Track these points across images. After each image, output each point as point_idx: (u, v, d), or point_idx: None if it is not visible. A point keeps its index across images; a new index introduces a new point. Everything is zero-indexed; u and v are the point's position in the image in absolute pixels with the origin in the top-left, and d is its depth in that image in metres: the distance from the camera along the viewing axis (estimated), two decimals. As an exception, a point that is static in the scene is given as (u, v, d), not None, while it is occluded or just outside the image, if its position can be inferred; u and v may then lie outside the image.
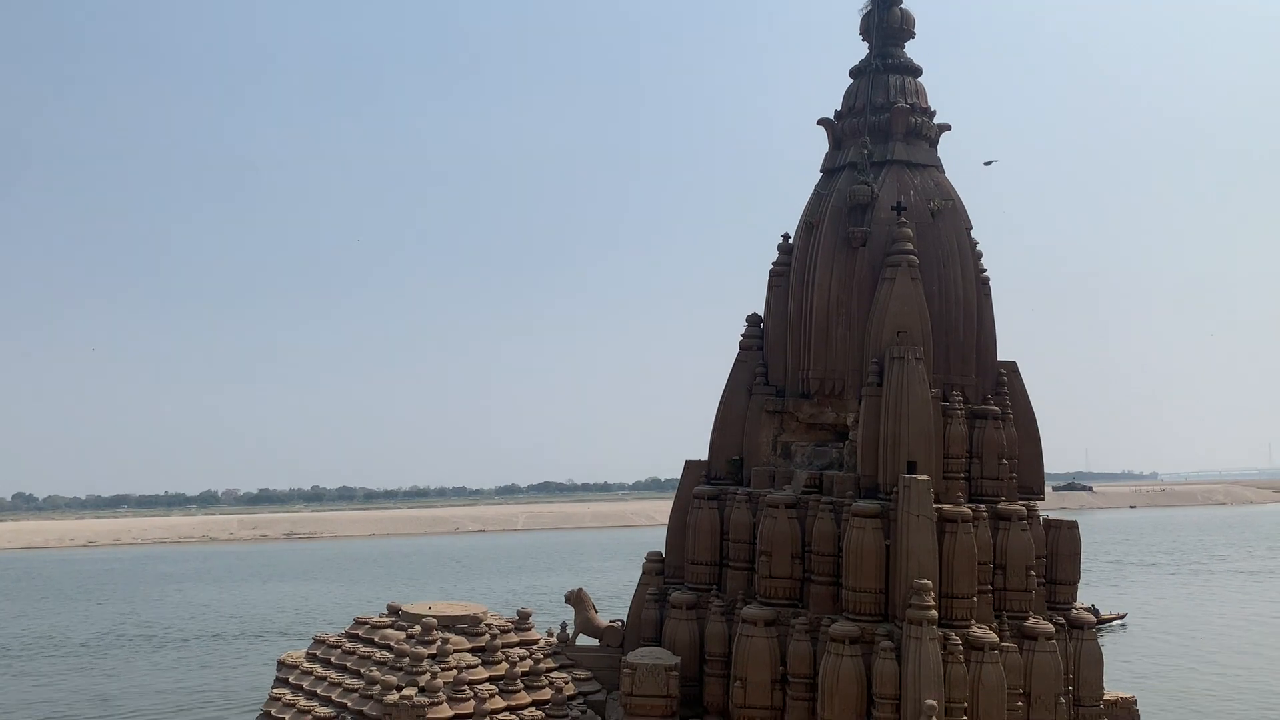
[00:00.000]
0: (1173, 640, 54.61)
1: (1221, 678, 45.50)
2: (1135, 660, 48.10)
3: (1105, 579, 78.23)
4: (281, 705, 15.55)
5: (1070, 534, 15.44)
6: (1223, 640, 54.03)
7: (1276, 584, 74.32)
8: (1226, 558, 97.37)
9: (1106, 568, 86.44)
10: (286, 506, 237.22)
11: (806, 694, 13.77)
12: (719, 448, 16.55)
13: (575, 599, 17.58)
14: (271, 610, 74.58)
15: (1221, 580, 77.80)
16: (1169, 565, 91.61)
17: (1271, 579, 77.72)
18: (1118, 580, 78.46)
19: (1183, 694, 41.25)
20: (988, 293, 15.92)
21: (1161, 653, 51.07)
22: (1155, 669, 45.78)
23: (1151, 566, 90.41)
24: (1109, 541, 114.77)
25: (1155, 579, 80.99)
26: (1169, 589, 73.59)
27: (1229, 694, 41.60)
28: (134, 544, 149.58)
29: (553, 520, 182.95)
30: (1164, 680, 44.03)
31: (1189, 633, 57.10)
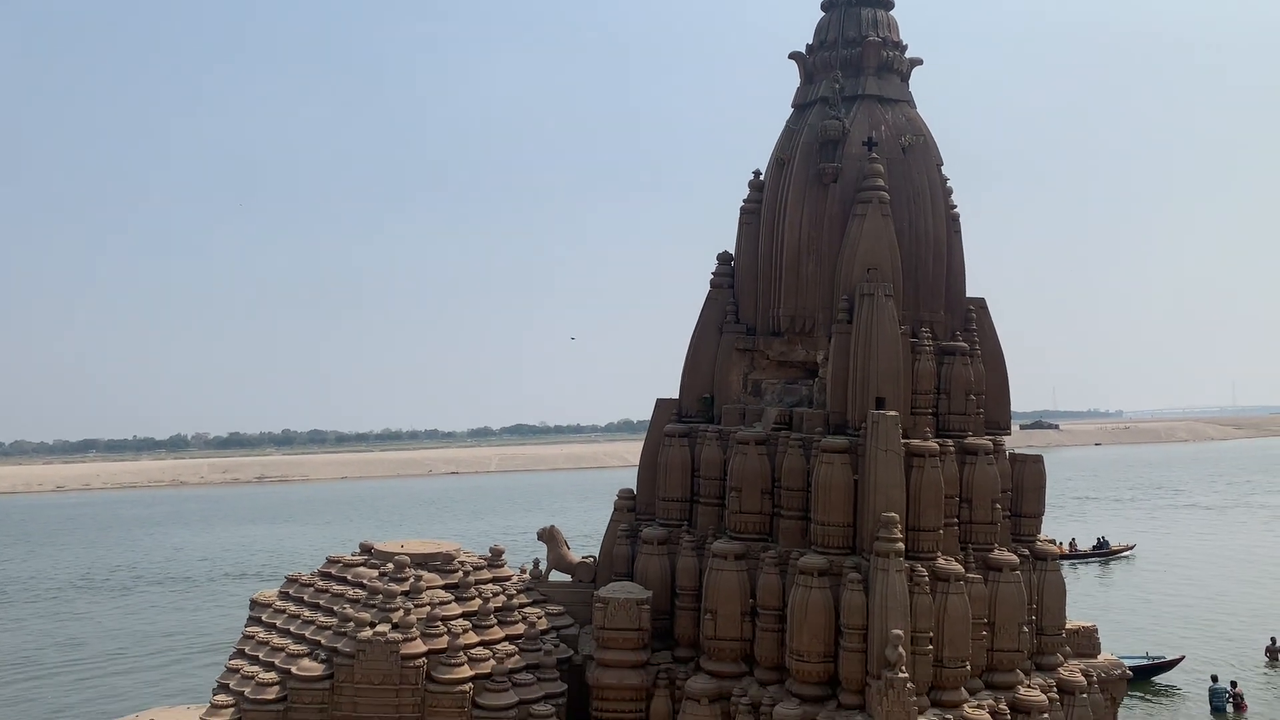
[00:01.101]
0: (1171, 569, 56.55)
1: (1212, 600, 47.53)
2: (1144, 586, 50.42)
3: (1114, 513, 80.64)
4: (255, 643, 15.62)
5: (1035, 468, 15.67)
6: (1211, 569, 56.20)
7: (1240, 517, 76.12)
8: (1187, 493, 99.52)
9: (1073, 504, 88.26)
10: (257, 450, 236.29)
11: (776, 625, 13.99)
12: (690, 386, 16.59)
13: (548, 536, 17.71)
14: (244, 552, 74.61)
15: (1188, 515, 79.52)
16: (1151, 501, 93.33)
17: (1233, 511, 79.54)
18: (1121, 514, 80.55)
19: (1186, 611, 44.09)
20: (957, 229, 15.93)
21: (1157, 580, 52.56)
22: (1154, 595, 47.19)
23: (1116, 502, 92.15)
24: (1077, 478, 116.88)
25: (1136, 514, 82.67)
26: (1150, 523, 75.11)
27: (1223, 614, 43.97)
28: (103, 488, 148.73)
29: (526, 462, 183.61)
30: (1163, 604, 46.24)
31: (1179, 563, 58.66)
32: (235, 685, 14.53)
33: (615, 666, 14.56)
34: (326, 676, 14.03)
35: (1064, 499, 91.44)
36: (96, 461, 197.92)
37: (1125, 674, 16.21)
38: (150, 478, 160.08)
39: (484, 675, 14.27)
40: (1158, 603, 47.78)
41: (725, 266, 16.55)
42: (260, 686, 14.16)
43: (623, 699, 14.53)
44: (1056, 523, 66.47)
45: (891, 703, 12.27)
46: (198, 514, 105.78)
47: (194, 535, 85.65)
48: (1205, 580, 54.27)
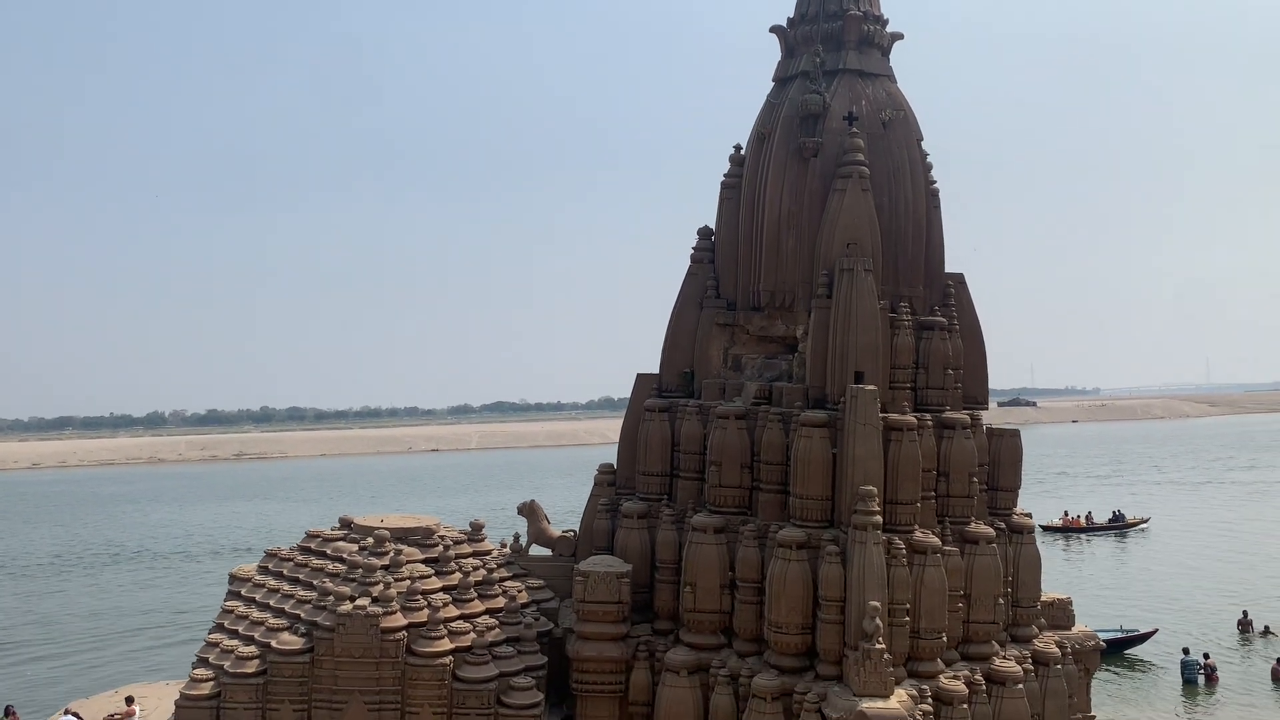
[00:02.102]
0: (1150, 544, 57.55)
1: (1185, 574, 48.49)
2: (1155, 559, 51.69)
3: (1128, 486, 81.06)
4: (234, 617, 15.60)
5: (1012, 443, 15.80)
6: (1187, 543, 57.22)
7: (1213, 493, 77.07)
8: (1164, 469, 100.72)
9: (1053, 479, 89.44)
10: (235, 427, 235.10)
11: (755, 598, 14.09)
12: (670, 361, 16.61)
13: (528, 510, 17.73)
14: (223, 529, 74.35)
15: (1165, 491, 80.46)
16: (1126, 477, 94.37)
17: (1207, 488, 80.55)
18: (1134, 488, 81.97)
19: (1160, 585, 45.15)
20: (937, 205, 15.98)
21: (1138, 554, 53.31)
22: (1132, 568, 47.81)
23: (1092, 479, 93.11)
24: (1055, 454, 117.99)
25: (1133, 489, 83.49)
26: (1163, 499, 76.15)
27: (1196, 588, 45.10)
28: (80, 466, 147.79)
29: (506, 439, 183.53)
30: (1138, 577, 47.35)
31: (1158, 537, 59.51)
32: (215, 659, 14.52)
33: (595, 639, 14.63)
34: (306, 650, 14.04)
35: (1044, 474, 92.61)
36: (73, 439, 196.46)
37: (1099, 645, 16.43)
38: (127, 455, 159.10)
39: (464, 648, 14.30)
40: (1134, 576, 48.51)
41: (706, 241, 16.53)
42: (240, 660, 14.16)
43: (603, 671, 14.61)
44: (1035, 499, 67.28)
45: (868, 673, 12.40)
46: (176, 491, 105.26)
47: (173, 513, 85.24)
48: (1180, 555, 55.03)
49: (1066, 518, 62.32)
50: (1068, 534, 59.59)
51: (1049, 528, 61.39)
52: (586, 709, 14.70)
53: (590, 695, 14.67)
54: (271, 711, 13.95)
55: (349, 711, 13.87)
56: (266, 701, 13.97)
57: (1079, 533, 59.95)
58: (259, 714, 13.95)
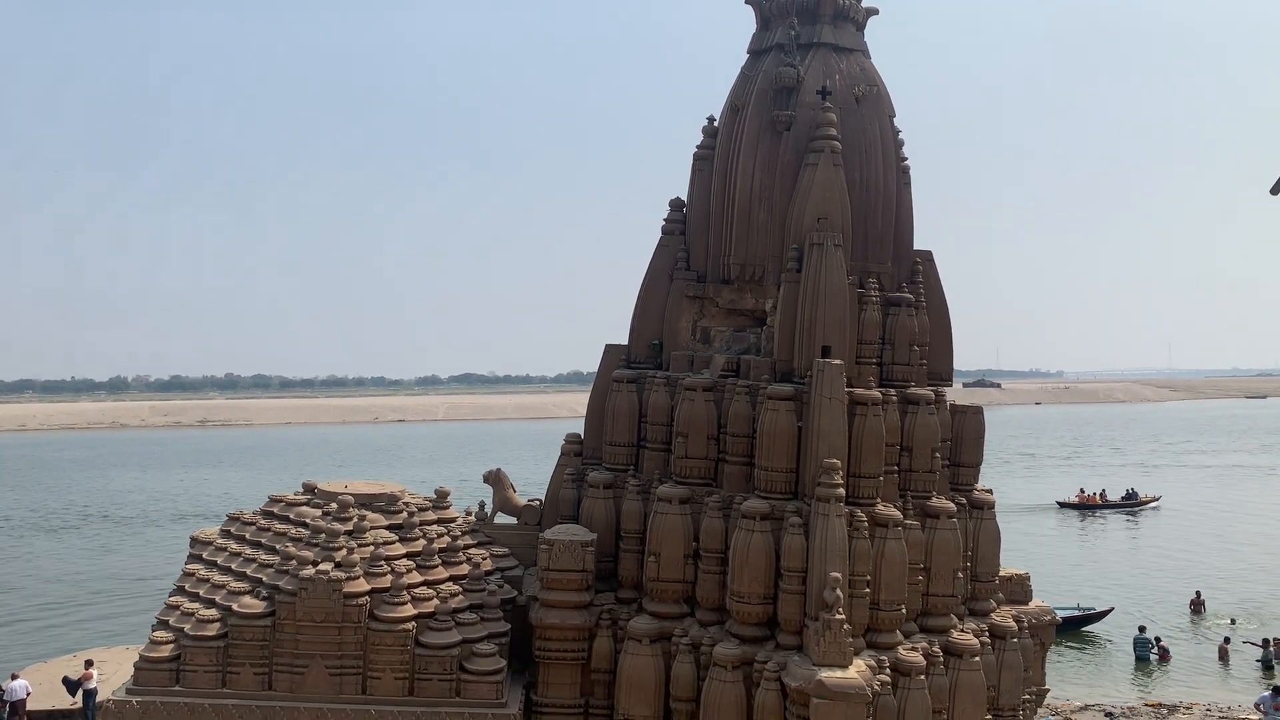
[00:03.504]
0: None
1: (1143, 554, 49.65)
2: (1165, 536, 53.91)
3: (1140, 467, 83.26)
4: (196, 580, 15.52)
5: (975, 419, 15.96)
6: (1145, 526, 58.74)
7: (1170, 476, 78.43)
8: (1123, 451, 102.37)
9: (1019, 459, 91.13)
10: (200, 393, 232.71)
11: (718, 567, 14.19)
12: (639, 332, 16.60)
13: (493, 479, 17.73)
14: (187, 495, 73.76)
15: (1123, 474, 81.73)
16: (1087, 459, 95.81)
17: (1166, 470, 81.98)
18: (1147, 468, 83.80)
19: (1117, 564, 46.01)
20: (907, 181, 16.03)
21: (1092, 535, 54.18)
22: (1087, 547, 48.49)
23: (1061, 460, 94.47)
24: (1020, 436, 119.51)
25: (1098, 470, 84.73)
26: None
27: (1153, 567, 45.97)
28: (40, 429, 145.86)
29: (473, 411, 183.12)
30: (1097, 556, 48.34)
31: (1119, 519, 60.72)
32: (175, 622, 14.44)
33: (558, 607, 14.69)
34: (268, 614, 13.99)
35: (1010, 455, 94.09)
36: (32, 402, 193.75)
37: (1054, 620, 16.71)
38: (89, 420, 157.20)
39: (427, 614, 14.31)
40: (1098, 555, 49.52)
41: (677, 213, 16.50)
42: (200, 623, 14.09)
43: (565, 638, 14.68)
44: (1001, 478, 68.52)
45: (828, 643, 12.55)
46: (139, 457, 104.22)
47: (135, 478, 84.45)
48: (1137, 536, 56.15)
49: (1082, 494, 64.99)
50: (1082, 510, 62.10)
51: (1065, 504, 63.85)
52: (549, 676, 14.78)
53: (553, 662, 14.74)
54: (232, 675, 13.92)
55: (310, 675, 13.86)
56: (227, 664, 13.93)
57: (1094, 509, 62.47)
58: (219, 677, 13.91)
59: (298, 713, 13.69)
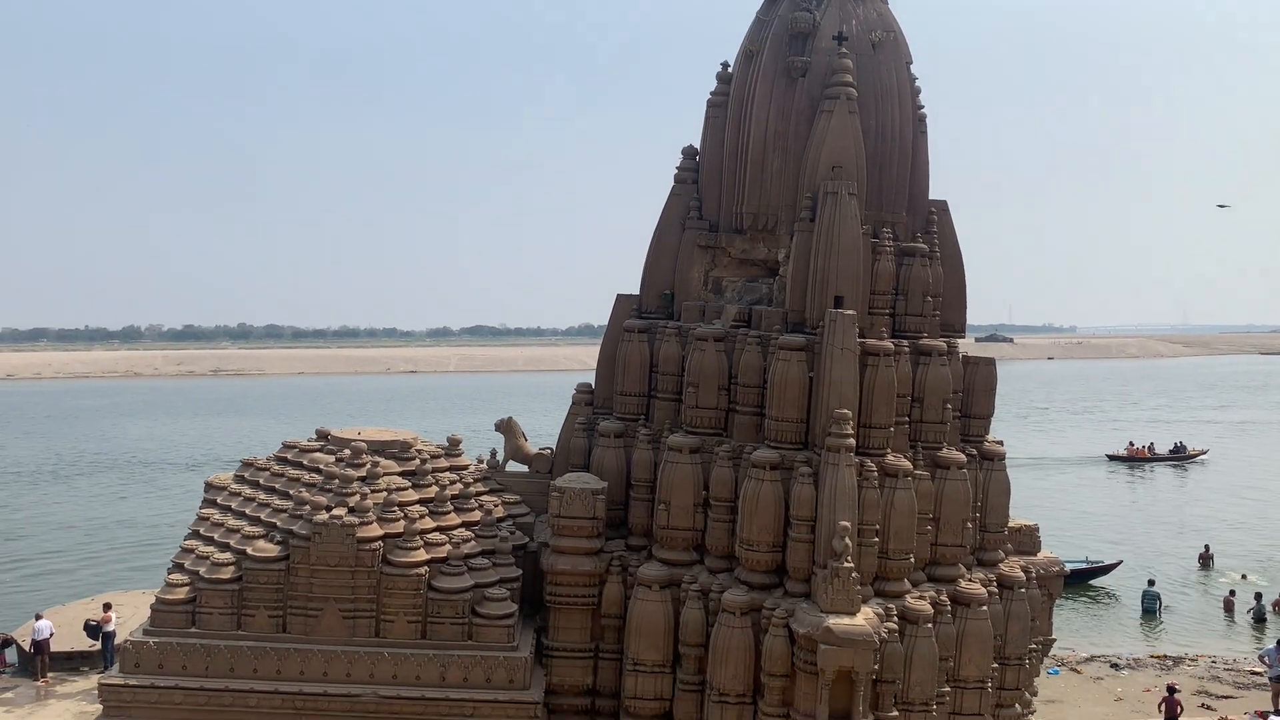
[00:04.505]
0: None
1: (1154, 508, 50.08)
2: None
3: (1185, 422, 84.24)
4: (210, 524, 15.68)
5: (987, 371, 15.91)
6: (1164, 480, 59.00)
7: (1184, 431, 78.34)
8: (1138, 406, 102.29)
9: (1037, 414, 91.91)
10: (212, 343, 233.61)
11: (727, 516, 14.27)
12: (650, 282, 16.55)
13: (505, 427, 17.80)
14: (201, 444, 74.38)
15: (1137, 429, 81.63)
16: (1096, 414, 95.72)
17: (1179, 425, 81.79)
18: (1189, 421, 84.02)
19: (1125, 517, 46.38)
20: (923, 130, 15.83)
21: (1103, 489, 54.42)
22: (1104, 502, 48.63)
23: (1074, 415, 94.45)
24: (1030, 390, 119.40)
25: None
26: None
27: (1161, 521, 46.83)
28: (55, 378, 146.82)
29: (485, 363, 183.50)
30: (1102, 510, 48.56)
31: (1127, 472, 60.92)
32: (190, 565, 14.61)
33: (569, 553, 14.81)
34: (282, 558, 14.15)
35: (1027, 409, 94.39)
36: (47, 351, 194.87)
37: (1062, 571, 16.78)
38: (103, 368, 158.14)
39: (439, 559, 14.46)
40: (1105, 509, 49.69)
41: (690, 161, 16.37)
42: (215, 566, 14.26)
43: (576, 584, 14.82)
44: (1014, 432, 69.17)
45: (836, 591, 12.64)
46: (153, 405, 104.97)
47: (150, 426, 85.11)
48: (1153, 490, 56.27)
49: (1131, 447, 66.06)
50: (1131, 462, 63.10)
51: (1114, 456, 65.00)
52: (560, 620, 14.95)
53: (563, 607, 14.91)
54: (246, 617, 14.11)
55: (324, 619, 14.04)
56: (242, 607, 14.12)
57: (1142, 462, 63.71)
58: (234, 619, 14.11)
59: (312, 655, 13.89)
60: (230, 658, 13.85)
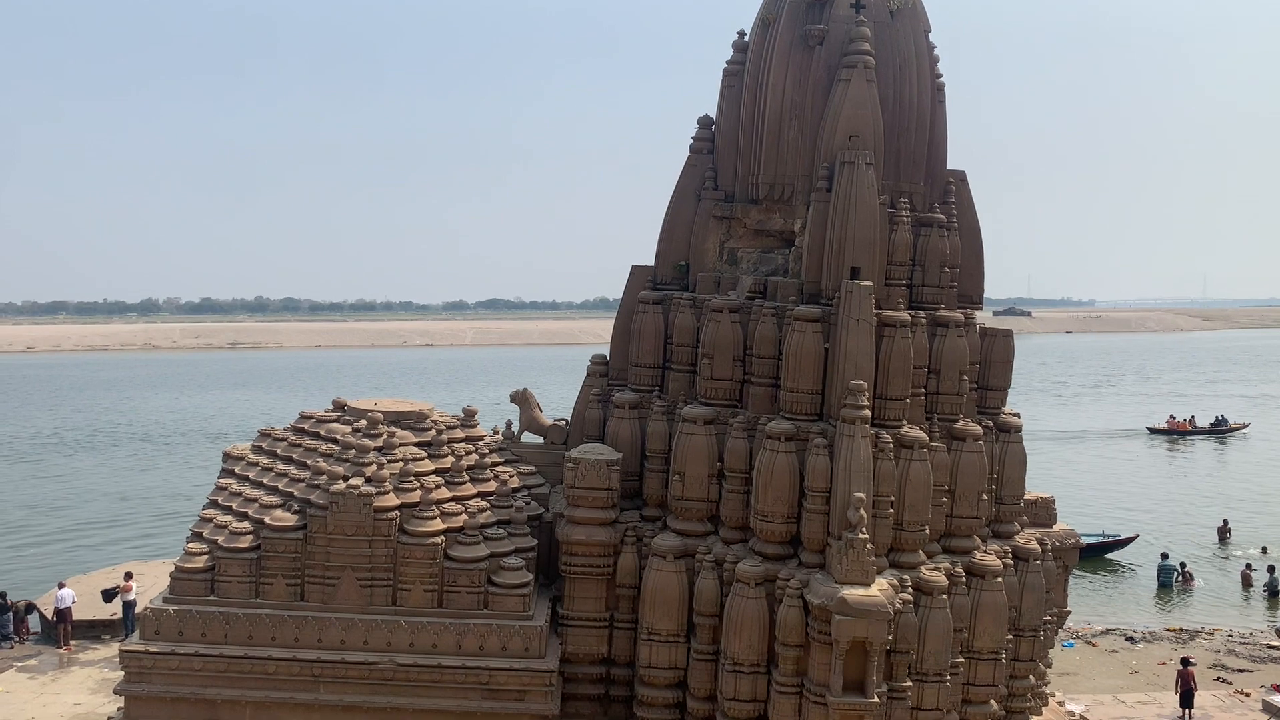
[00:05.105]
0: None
1: (1171, 481, 49.88)
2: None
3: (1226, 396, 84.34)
4: (228, 494, 15.80)
5: (1005, 342, 15.81)
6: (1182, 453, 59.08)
7: (1203, 405, 77.78)
8: (1155, 380, 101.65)
9: (1055, 388, 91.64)
10: (229, 316, 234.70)
11: (742, 487, 14.27)
12: (665, 253, 16.49)
13: (520, 398, 17.83)
14: (218, 415, 74.87)
15: (1154, 402, 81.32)
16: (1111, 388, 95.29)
17: (1197, 400, 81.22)
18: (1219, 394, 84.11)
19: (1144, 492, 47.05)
20: (942, 99, 15.66)
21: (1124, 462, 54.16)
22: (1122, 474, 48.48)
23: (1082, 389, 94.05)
24: (1049, 364, 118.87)
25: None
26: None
27: (1180, 496, 46.56)
28: (75, 350, 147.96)
29: (500, 336, 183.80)
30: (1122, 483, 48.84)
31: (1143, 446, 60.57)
32: (209, 534, 14.74)
33: (584, 524, 14.87)
34: (300, 527, 14.26)
35: (1045, 383, 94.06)
36: (66, 324, 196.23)
37: (1078, 543, 16.74)
38: (122, 341, 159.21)
39: (456, 529, 14.53)
40: (1121, 482, 49.51)
41: (706, 131, 16.25)
42: (234, 535, 14.38)
43: (591, 554, 14.88)
44: (1029, 406, 69.23)
45: (851, 562, 12.64)
46: (171, 378, 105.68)
47: (169, 398, 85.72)
48: (1170, 462, 56.04)
49: (1172, 420, 65.96)
50: (1172, 435, 63.33)
51: (1155, 429, 65.00)
52: (575, 590, 15.02)
53: (578, 577, 14.98)
54: (265, 585, 14.24)
55: (341, 587, 14.16)
56: (260, 576, 14.24)
57: (1183, 435, 63.66)
58: (252, 587, 14.24)
59: (329, 623, 14.02)
60: (249, 625, 13.99)
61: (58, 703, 21.71)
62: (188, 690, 13.77)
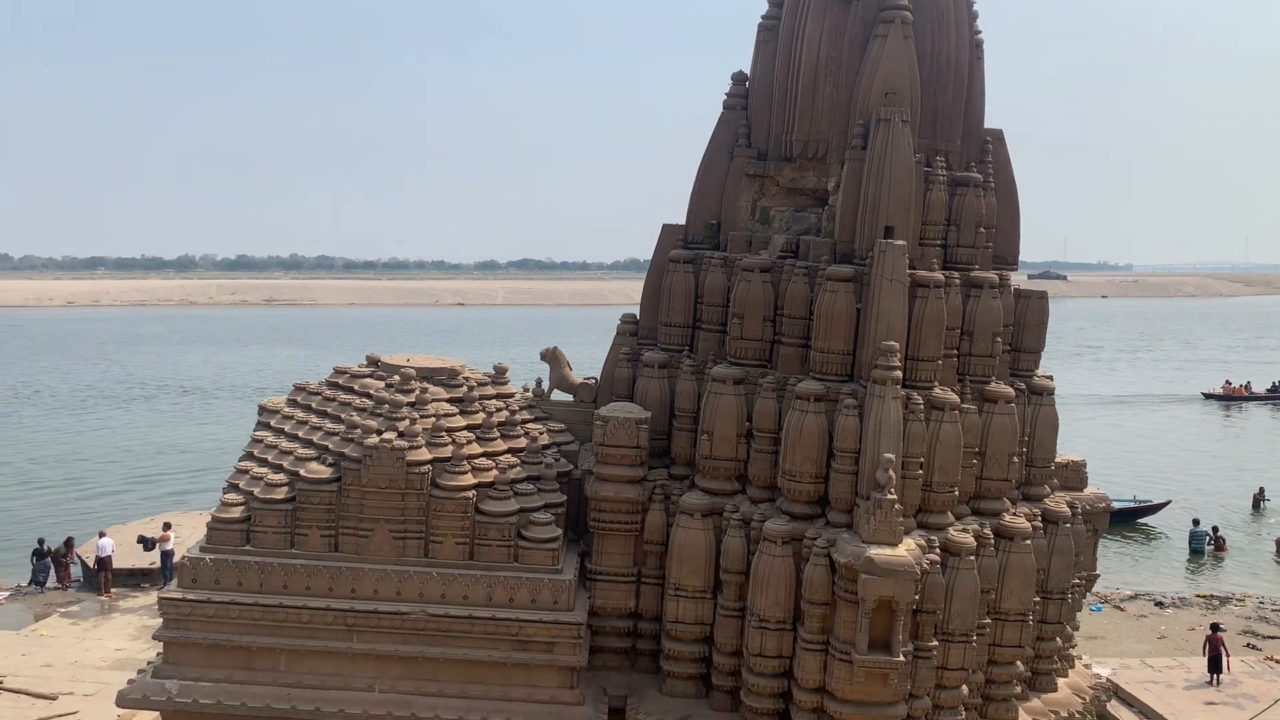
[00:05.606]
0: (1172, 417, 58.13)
1: (1205, 450, 49.37)
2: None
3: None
4: (264, 447, 16.03)
5: (1039, 304, 15.67)
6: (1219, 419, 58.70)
7: (1240, 372, 76.71)
8: (1196, 346, 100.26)
9: (1089, 351, 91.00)
10: (264, 273, 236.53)
11: (770, 447, 14.30)
12: (697, 211, 16.42)
13: (550, 356, 17.91)
14: (254, 370, 75.77)
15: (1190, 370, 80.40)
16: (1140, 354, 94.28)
17: (1238, 366, 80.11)
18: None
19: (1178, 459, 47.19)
20: (980, 56, 15.42)
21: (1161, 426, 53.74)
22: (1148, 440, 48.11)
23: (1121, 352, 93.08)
24: (1085, 328, 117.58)
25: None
26: None
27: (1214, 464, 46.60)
28: (113, 305, 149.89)
29: (531, 296, 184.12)
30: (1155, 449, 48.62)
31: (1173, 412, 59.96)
32: (245, 485, 14.99)
33: (613, 481, 14.97)
34: (334, 479, 14.46)
35: (1081, 348, 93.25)
36: (104, 279, 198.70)
37: (1108, 506, 16.67)
38: (159, 296, 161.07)
39: (486, 484, 14.68)
40: (1152, 447, 49.07)
41: (739, 87, 16.10)
42: (269, 487, 14.61)
43: (619, 511, 15.00)
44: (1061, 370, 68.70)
45: (879, 522, 12.66)
46: (208, 333, 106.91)
47: (206, 354, 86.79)
48: (1203, 431, 55.41)
49: (1228, 386, 65.66)
50: (1227, 401, 63.17)
51: (1210, 395, 64.71)
52: (603, 546, 15.16)
53: (607, 533, 15.11)
54: (300, 536, 14.48)
55: (375, 539, 14.38)
56: (295, 527, 14.48)
57: (1240, 400, 63.42)
58: (288, 538, 14.49)
59: (363, 574, 14.25)
60: (284, 575, 14.25)
61: (99, 647, 22.29)
62: (224, 637, 14.08)
